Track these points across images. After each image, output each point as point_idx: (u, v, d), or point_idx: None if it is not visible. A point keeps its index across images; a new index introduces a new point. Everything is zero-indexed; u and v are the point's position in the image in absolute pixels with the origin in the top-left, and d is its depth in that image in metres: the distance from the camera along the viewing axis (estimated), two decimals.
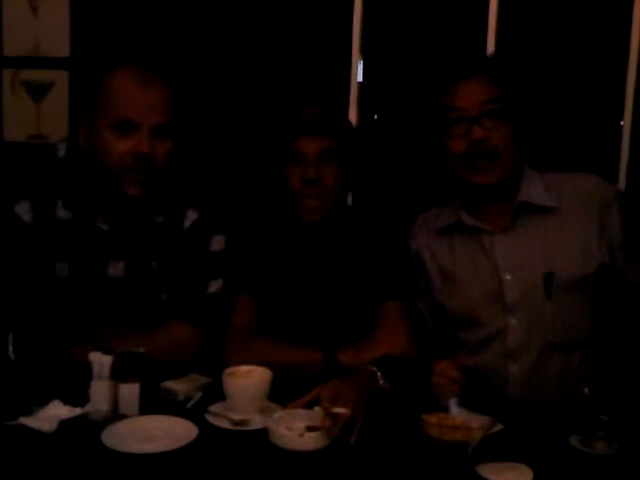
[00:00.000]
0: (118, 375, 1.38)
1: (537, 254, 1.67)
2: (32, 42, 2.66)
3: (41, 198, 1.68)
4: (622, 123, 2.30)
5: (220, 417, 1.39)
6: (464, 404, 1.28)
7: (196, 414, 1.40)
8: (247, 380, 1.43)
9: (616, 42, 2.25)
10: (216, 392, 1.47)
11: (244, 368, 1.46)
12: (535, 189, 1.69)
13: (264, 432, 1.32)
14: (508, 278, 1.68)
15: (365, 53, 2.44)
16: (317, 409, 1.35)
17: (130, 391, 1.38)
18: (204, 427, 1.34)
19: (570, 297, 1.65)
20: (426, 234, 1.81)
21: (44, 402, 1.36)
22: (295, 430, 1.30)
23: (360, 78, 2.45)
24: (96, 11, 2.55)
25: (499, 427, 1.35)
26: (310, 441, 1.28)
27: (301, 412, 1.37)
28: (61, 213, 1.68)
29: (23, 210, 1.66)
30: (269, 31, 2.45)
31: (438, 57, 2.37)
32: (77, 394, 1.39)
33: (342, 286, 1.77)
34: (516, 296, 1.67)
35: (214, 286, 1.73)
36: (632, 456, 1.29)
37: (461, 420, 1.22)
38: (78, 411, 1.35)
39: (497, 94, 1.65)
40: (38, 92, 2.69)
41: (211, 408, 1.42)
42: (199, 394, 1.50)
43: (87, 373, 1.38)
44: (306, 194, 1.72)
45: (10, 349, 1.53)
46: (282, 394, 1.44)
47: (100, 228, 1.70)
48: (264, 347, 1.68)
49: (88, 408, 1.36)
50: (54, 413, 1.33)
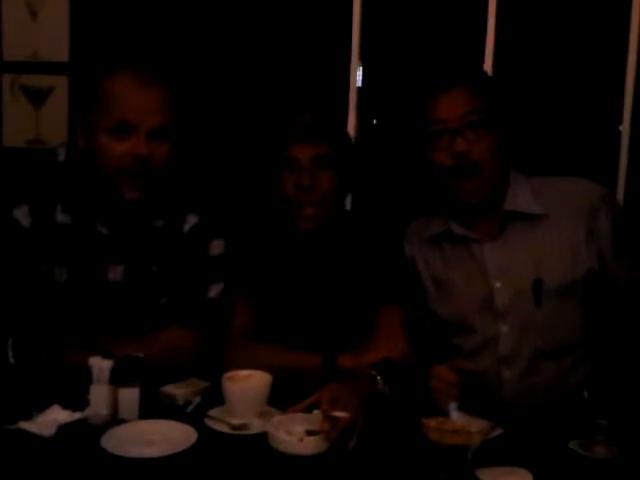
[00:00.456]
0: (117, 379, 1.38)
1: (526, 261, 1.66)
2: (31, 47, 2.66)
3: (40, 202, 1.67)
4: (621, 128, 2.30)
5: (219, 421, 1.39)
6: (463, 408, 1.28)
7: (195, 418, 1.40)
8: (246, 384, 1.43)
9: (614, 47, 2.26)
10: (215, 396, 1.47)
11: (243, 372, 1.46)
12: (522, 196, 1.68)
13: (263, 436, 1.32)
14: (498, 286, 1.68)
15: (364, 59, 2.45)
16: (316, 412, 1.35)
17: (129, 395, 1.38)
18: (203, 431, 1.34)
19: (560, 303, 1.65)
20: (418, 241, 1.81)
21: (43, 407, 1.36)
22: (294, 434, 1.30)
23: (359, 83, 2.45)
24: (95, 16, 2.55)
25: (499, 431, 1.35)
26: (310, 445, 1.28)
27: (300, 416, 1.37)
28: (60, 217, 1.68)
29: (22, 214, 1.66)
30: (268, 36, 2.46)
31: (437, 63, 2.38)
32: (76, 399, 1.39)
33: (340, 290, 1.77)
34: (506, 303, 1.67)
35: (214, 290, 1.73)
36: (632, 460, 1.29)
37: (461, 424, 1.21)
38: (77, 416, 1.35)
39: (478, 105, 1.62)
40: (37, 97, 2.69)
41: (210, 412, 1.42)
42: (198, 398, 1.50)
43: (86, 377, 1.38)
44: (301, 201, 1.72)
45: (10, 354, 1.53)
46: (281, 398, 1.44)
47: (99, 232, 1.69)
48: (263, 351, 1.67)
49: (87, 412, 1.36)
50: (53, 418, 1.33)
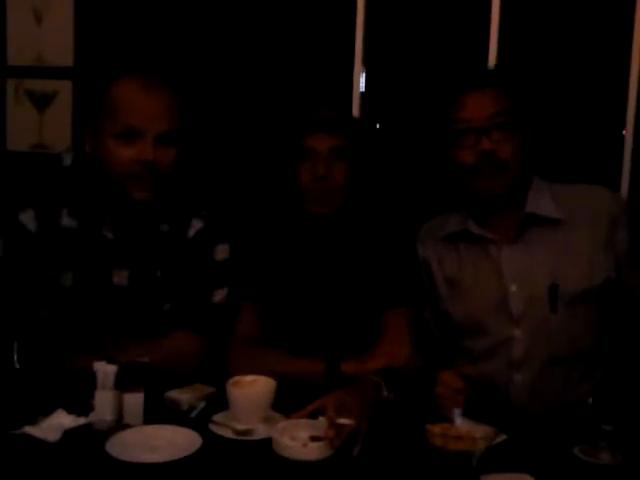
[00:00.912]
0: (122, 385, 1.38)
1: (543, 266, 1.66)
2: (36, 52, 2.66)
3: (46, 207, 1.68)
4: (624, 132, 2.30)
5: (224, 427, 1.39)
6: (468, 414, 1.28)
7: (200, 424, 1.40)
8: (251, 390, 1.43)
9: (618, 51, 2.26)
10: (220, 402, 1.47)
11: (248, 378, 1.46)
12: (543, 201, 1.68)
13: (268, 442, 1.32)
14: (513, 289, 1.67)
15: (367, 64, 2.45)
16: (321, 419, 1.35)
17: (134, 400, 1.38)
18: (208, 437, 1.34)
19: (575, 310, 1.64)
20: (433, 241, 1.81)
21: (48, 411, 1.36)
22: (299, 440, 1.30)
23: (362, 88, 2.46)
24: (100, 21, 2.56)
25: (503, 437, 1.35)
26: (314, 451, 1.28)
27: (305, 422, 1.37)
28: (66, 222, 1.69)
29: (28, 219, 1.67)
30: (272, 42, 2.46)
31: (440, 67, 2.38)
32: (81, 403, 1.39)
33: (347, 292, 1.78)
34: (521, 307, 1.66)
35: (219, 295, 1.73)
36: (636, 466, 1.29)
37: (465, 430, 1.21)
38: (82, 420, 1.35)
39: (505, 106, 1.64)
40: (41, 102, 2.69)
41: (215, 418, 1.43)
42: (203, 404, 1.50)
43: (91, 382, 1.38)
44: (315, 190, 1.73)
45: (15, 358, 1.53)
46: (286, 404, 1.44)
47: (105, 237, 1.70)
48: (267, 357, 1.68)
49: (92, 417, 1.36)
50: (58, 422, 1.33)
